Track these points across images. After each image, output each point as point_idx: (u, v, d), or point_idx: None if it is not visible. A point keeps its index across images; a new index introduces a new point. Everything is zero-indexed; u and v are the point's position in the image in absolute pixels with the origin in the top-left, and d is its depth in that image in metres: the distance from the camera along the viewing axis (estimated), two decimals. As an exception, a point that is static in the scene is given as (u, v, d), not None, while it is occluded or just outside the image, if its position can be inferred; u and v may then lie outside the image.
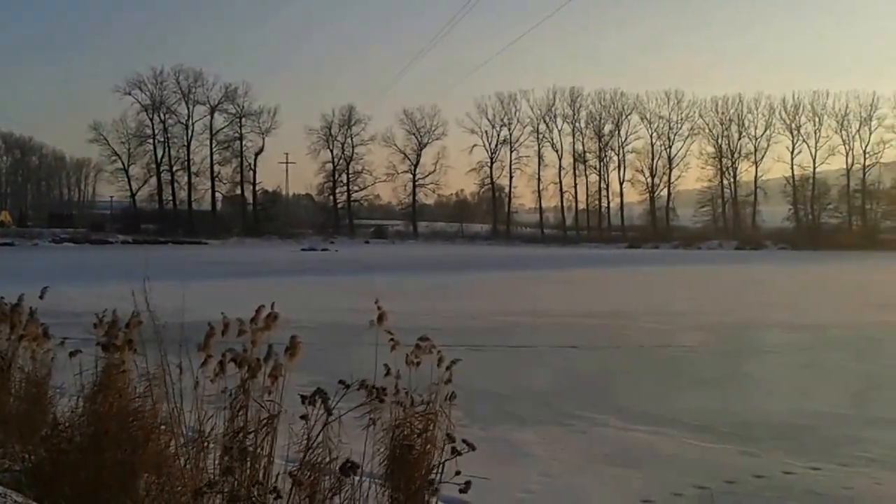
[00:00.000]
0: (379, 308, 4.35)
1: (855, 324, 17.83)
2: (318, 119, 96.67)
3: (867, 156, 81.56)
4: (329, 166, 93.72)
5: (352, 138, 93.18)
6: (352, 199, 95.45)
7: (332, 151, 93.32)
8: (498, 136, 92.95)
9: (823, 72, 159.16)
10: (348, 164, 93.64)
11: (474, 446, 4.01)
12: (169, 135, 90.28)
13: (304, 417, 3.62)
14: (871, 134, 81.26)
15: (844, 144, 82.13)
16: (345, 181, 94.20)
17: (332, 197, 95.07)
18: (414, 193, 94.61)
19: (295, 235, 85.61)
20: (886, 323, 17.98)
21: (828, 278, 36.07)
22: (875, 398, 10.28)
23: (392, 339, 4.35)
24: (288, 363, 3.85)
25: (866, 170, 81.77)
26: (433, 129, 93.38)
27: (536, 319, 18.41)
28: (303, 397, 3.57)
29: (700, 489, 5.78)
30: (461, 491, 3.98)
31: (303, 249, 68.03)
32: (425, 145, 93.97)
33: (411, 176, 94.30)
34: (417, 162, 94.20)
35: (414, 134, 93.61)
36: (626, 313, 19.77)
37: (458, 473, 4.01)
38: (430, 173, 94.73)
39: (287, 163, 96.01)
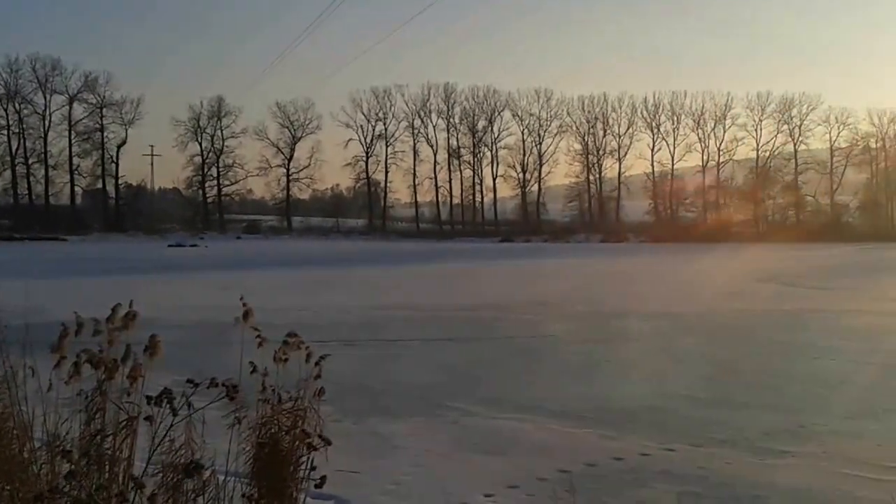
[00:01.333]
0: (245, 304, 4.30)
1: (708, 311, 18.94)
2: (186, 110, 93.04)
3: (721, 153, 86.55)
4: (198, 159, 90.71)
5: (222, 131, 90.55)
6: (222, 193, 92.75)
7: (200, 144, 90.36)
8: (373, 130, 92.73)
9: (682, 73, 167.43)
10: (218, 157, 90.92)
11: (330, 441, 4.04)
12: (24, 126, 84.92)
13: (149, 419, 3.54)
14: (724, 132, 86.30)
15: (700, 142, 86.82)
16: (215, 175, 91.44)
17: (201, 191, 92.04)
18: (288, 188, 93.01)
19: (161, 231, 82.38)
20: (736, 310, 19.18)
21: (684, 269, 38.04)
22: (725, 381, 10.96)
23: (259, 336, 4.31)
24: (148, 362, 3.76)
25: (720, 166, 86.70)
26: (307, 122, 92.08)
27: (411, 313, 18.56)
28: (148, 398, 3.50)
29: (563, 473, 6.02)
30: (316, 486, 4.01)
31: (170, 245, 65.50)
32: (299, 139, 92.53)
33: (285, 170, 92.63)
34: (291, 156, 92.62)
35: (287, 127, 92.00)
36: (499, 305, 20.22)
37: (313, 469, 4.03)
38: (304, 167, 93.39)
39: (152, 155, 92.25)
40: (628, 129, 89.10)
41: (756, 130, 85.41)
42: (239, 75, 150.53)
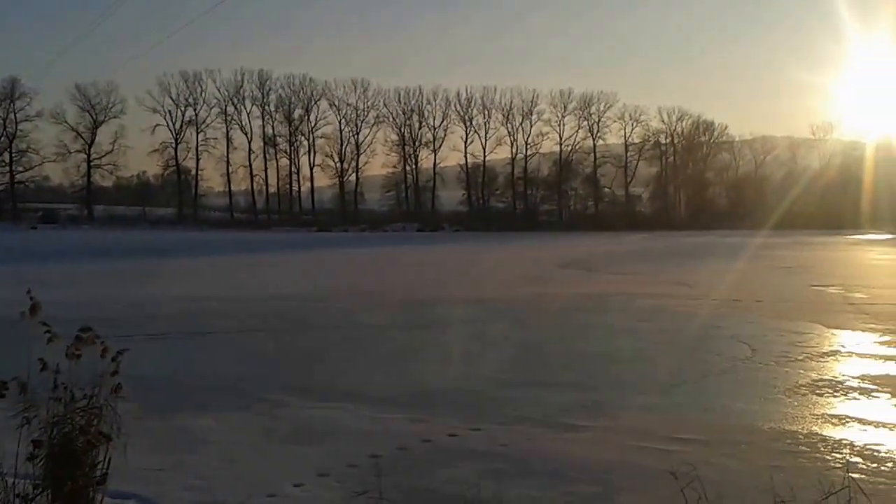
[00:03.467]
0: (32, 298, 4.04)
1: (516, 296, 19.79)
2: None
3: (528, 146, 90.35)
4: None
5: (15, 114, 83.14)
6: (15, 180, 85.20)
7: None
8: (183, 116, 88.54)
9: (493, 69, 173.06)
10: (11, 141, 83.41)
11: (110, 437, 3.90)
12: None
13: None
14: (531, 127, 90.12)
15: (510, 136, 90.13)
16: (7, 161, 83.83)
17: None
18: (89, 175, 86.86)
19: (-58, 221, 74.56)
20: (540, 295, 20.17)
21: (494, 257, 39.49)
22: (530, 362, 11.53)
23: (48, 332, 4.07)
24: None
25: (528, 159, 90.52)
26: (110, 106, 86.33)
27: (223, 305, 18.02)
28: None
29: (373, 458, 6.11)
30: (98, 483, 3.87)
31: (-49, 237, 59.46)
32: (101, 123, 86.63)
33: (86, 156, 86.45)
34: (92, 141, 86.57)
35: (88, 111, 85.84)
36: (316, 295, 20.08)
37: (97, 464, 3.88)
38: (107, 153, 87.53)
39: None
40: (443, 121, 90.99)
41: (559, 125, 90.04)
42: (36, 55, 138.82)
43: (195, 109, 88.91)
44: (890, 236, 60.06)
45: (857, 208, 73.88)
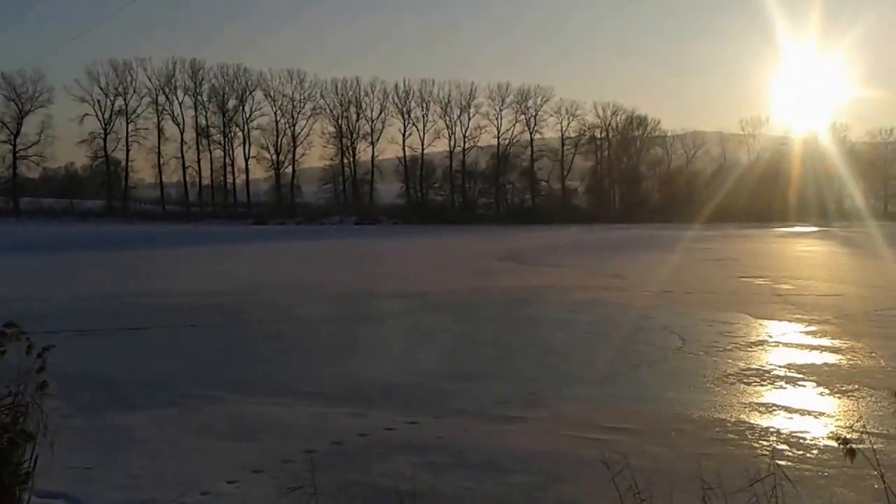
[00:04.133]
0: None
1: (454, 289, 19.86)
2: None
3: (466, 140, 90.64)
4: None
5: (-66, 103, 79.72)
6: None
7: None
8: (112, 105, 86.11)
9: (430, 62, 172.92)
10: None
11: (33, 435, 3.80)
12: None
13: None
14: (469, 120, 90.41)
15: (448, 129, 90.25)
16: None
17: None
18: (14, 166, 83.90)
19: None
20: (478, 288, 20.28)
21: (432, 250, 39.52)
22: (468, 355, 11.59)
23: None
24: None
25: (466, 152, 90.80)
26: (37, 95, 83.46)
27: (155, 300, 17.65)
28: None
29: (309, 453, 6.07)
30: (21, 482, 3.77)
31: None
32: (27, 113, 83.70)
33: (11, 147, 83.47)
34: (18, 131, 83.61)
35: (14, 100, 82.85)
36: (250, 289, 19.81)
37: (24, 463, 3.77)
38: (33, 144, 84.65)
39: None
40: (380, 113, 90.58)
41: (497, 119, 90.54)
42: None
43: (125, 99, 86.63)
44: (815, 229, 62.15)
45: (785, 202, 76.36)
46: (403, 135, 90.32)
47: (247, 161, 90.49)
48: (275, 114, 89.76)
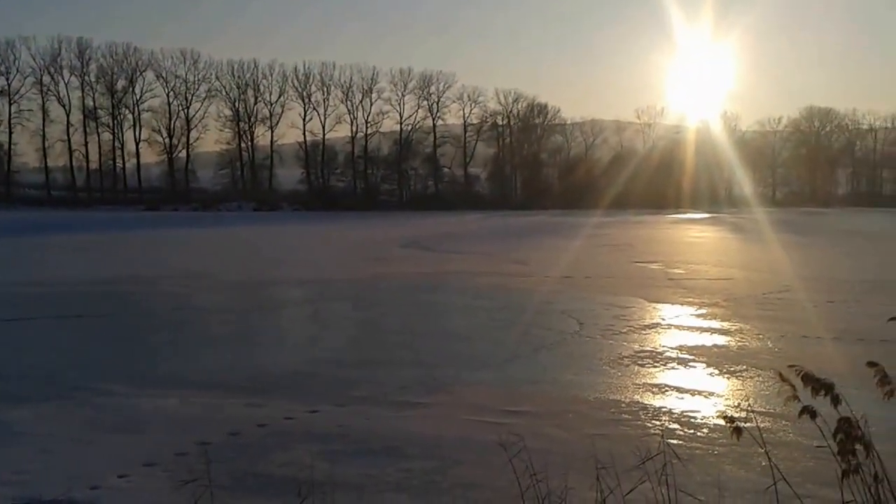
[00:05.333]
0: None
1: (356, 276, 19.72)
2: None
3: (369, 125, 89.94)
4: None
5: None
6: None
7: None
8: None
9: (331, 45, 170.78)
10: None
11: None
12: None
13: None
14: (371, 105, 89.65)
15: (349, 114, 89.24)
16: None
17: None
18: None
19: None
20: (380, 274, 20.19)
21: (334, 236, 39.13)
22: (369, 342, 11.53)
23: None
24: None
25: (368, 138, 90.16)
26: None
27: (41, 289, 16.83)
28: None
29: (204, 445, 5.90)
30: None
31: None
32: None
33: None
34: None
35: None
36: (143, 278, 19.14)
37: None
38: None
39: None
40: (280, 97, 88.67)
41: (399, 104, 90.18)
42: None
43: (7, 79, 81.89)
44: (707, 215, 64.63)
45: (679, 189, 79.14)
46: (304, 119, 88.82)
47: (137, 145, 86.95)
48: (167, 95, 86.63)
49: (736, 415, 6.58)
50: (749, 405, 7.46)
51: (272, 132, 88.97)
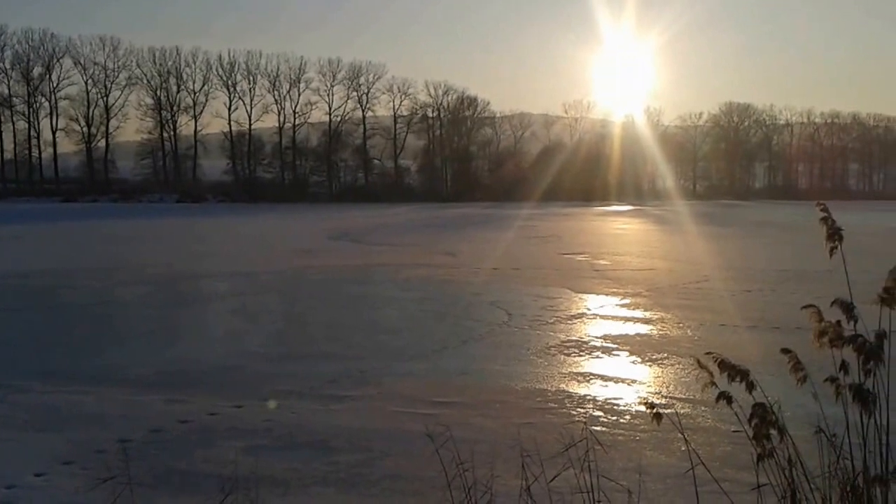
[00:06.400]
0: None
1: (283, 269, 19.47)
2: None
3: (297, 115, 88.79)
4: None
5: None
6: None
7: None
8: None
9: (258, 33, 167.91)
10: None
11: None
12: None
13: None
14: (300, 95, 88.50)
15: (277, 104, 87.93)
16: None
17: None
18: None
19: None
20: (308, 267, 19.98)
21: (261, 228, 38.56)
22: (297, 335, 11.41)
23: None
24: None
25: (296, 128, 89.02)
26: None
27: (-52, 284, 16.11)
28: None
29: (124, 443, 5.75)
30: None
31: None
32: None
33: None
34: None
35: None
36: (59, 271, 18.51)
37: None
38: None
39: None
40: (203, 85, 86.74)
41: (328, 95, 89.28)
42: None
43: (-86, 65, 78.17)
44: (631, 207, 65.96)
45: (606, 182, 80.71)
46: (229, 109, 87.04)
47: (54, 134, 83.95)
48: (86, 83, 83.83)
49: (657, 401, 6.76)
50: (670, 392, 7.66)
51: (196, 121, 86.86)
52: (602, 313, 12.74)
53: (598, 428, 6.29)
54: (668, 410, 5.81)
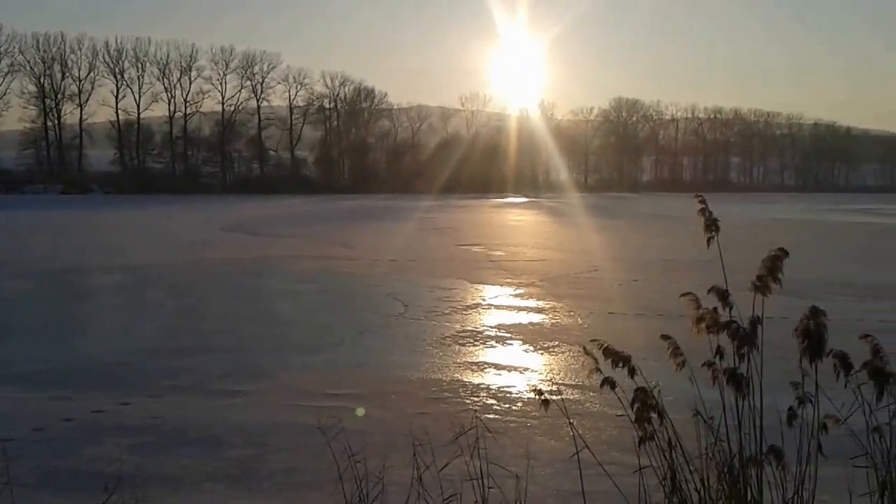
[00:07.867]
0: None
1: (174, 262, 18.92)
2: None
3: (188, 104, 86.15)
4: None
5: None
6: None
7: None
8: None
9: (148, 21, 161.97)
10: None
11: None
12: None
13: None
14: (191, 84, 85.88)
15: (167, 92, 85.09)
16: None
17: None
18: None
19: None
20: (200, 259, 19.50)
21: (151, 221, 37.31)
22: (188, 329, 11.11)
23: None
24: None
25: (188, 118, 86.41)
26: None
27: None
28: None
29: (3, 442, 5.48)
30: None
31: None
32: None
33: None
34: None
35: None
36: (-71, 266, 17.42)
37: None
38: None
39: None
40: (90, 73, 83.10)
41: (221, 84, 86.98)
42: None
43: None
44: (526, 199, 67.18)
45: (502, 174, 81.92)
46: (116, 97, 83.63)
47: (-70, 122, 78.93)
48: (-36, 69, 79.08)
49: (546, 388, 6.96)
50: (560, 379, 7.88)
51: (81, 110, 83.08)
52: (496, 303, 12.96)
53: (490, 416, 6.43)
54: (557, 397, 6.00)
